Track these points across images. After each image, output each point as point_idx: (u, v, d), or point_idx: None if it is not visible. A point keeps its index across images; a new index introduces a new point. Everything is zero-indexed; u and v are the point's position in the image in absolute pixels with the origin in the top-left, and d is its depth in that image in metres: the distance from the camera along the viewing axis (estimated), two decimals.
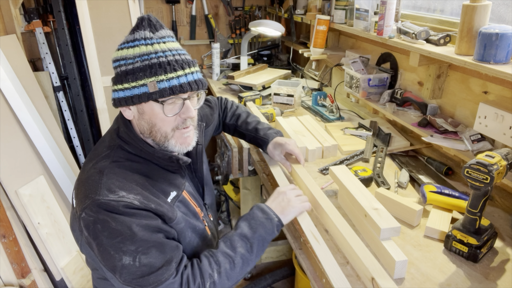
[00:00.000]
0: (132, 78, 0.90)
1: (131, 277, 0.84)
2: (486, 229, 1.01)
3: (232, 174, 1.80)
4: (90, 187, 0.88)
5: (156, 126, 0.94)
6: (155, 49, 0.90)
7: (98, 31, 2.30)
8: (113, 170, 0.91)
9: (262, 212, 1.00)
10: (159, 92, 0.89)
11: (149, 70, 0.89)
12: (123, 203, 0.86)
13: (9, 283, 1.97)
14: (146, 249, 0.85)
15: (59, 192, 2.20)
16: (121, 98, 0.92)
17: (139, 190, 0.91)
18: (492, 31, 1.14)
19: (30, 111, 2.07)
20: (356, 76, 1.87)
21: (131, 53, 0.91)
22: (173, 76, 0.89)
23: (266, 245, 0.98)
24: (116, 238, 0.84)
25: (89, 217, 0.86)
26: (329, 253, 0.96)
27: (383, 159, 1.51)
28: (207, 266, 0.90)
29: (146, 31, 0.92)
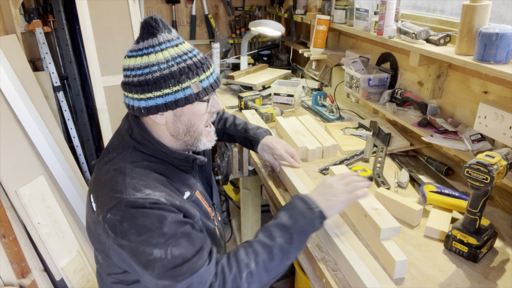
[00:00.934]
0: (174, 83, 0.89)
1: (165, 269, 0.82)
2: (486, 229, 1.01)
3: (232, 174, 1.80)
4: (114, 188, 0.87)
5: (195, 125, 0.97)
6: (182, 50, 0.92)
7: (98, 31, 2.30)
8: (134, 170, 0.91)
9: (302, 202, 0.95)
10: (204, 91, 0.93)
11: (190, 71, 0.90)
12: (151, 200, 0.85)
13: (9, 283, 1.97)
14: (176, 240, 0.83)
15: (59, 192, 2.20)
16: (160, 105, 0.91)
17: (162, 188, 0.90)
18: (492, 31, 1.14)
19: (30, 111, 2.07)
20: (356, 76, 1.87)
21: (162, 57, 0.89)
22: (209, 74, 0.95)
23: (307, 237, 0.93)
24: (145, 233, 0.83)
25: (115, 217, 0.85)
26: (354, 253, 0.97)
27: (383, 159, 1.51)
28: (243, 255, 0.87)
29: (165, 33, 0.92)
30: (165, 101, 0.90)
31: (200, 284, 0.83)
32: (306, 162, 1.54)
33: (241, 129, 1.42)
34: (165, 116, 0.94)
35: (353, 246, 0.99)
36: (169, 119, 0.95)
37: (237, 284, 0.84)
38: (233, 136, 1.44)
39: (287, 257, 0.90)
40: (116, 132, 1.04)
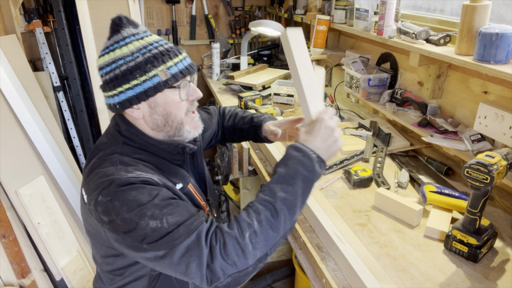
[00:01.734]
0: (140, 73, 0.89)
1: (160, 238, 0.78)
2: (486, 229, 1.01)
3: (232, 174, 1.80)
4: (104, 174, 0.87)
5: (172, 114, 0.95)
6: (148, 41, 0.92)
7: (98, 31, 2.30)
8: (124, 158, 0.92)
9: (297, 150, 0.88)
10: (173, 77, 0.91)
11: (156, 60, 0.89)
12: (142, 178, 0.85)
13: (9, 283, 1.97)
14: (171, 209, 0.82)
15: (59, 192, 2.20)
16: (131, 98, 0.91)
17: (153, 172, 0.91)
18: (492, 31, 1.14)
19: (30, 111, 2.07)
20: (356, 76, 1.87)
21: (127, 50, 0.90)
22: (178, 61, 0.93)
23: (310, 186, 0.87)
24: (137, 207, 0.81)
25: (106, 197, 0.83)
26: (354, 253, 0.96)
27: (383, 159, 1.51)
28: (244, 215, 0.81)
29: (130, 28, 0.93)
30: (135, 93, 0.90)
31: (198, 247, 0.78)
32: None
33: (247, 120, 1.35)
34: (141, 110, 0.94)
35: (353, 246, 0.99)
36: (145, 112, 0.95)
37: (239, 245, 0.78)
38: (242, 129, 1.37)
39: (293, 210, 0.83)
40: (105, 132, 1.04)
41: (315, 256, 1.05)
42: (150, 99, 0.92)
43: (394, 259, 1.01)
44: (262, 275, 2.30)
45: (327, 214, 1.13)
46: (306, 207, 1.20)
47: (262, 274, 2.35)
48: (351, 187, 1.36)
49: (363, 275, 0.90)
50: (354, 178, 1.34)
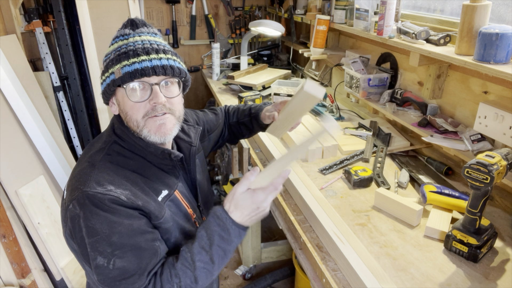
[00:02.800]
0: (105, 70, 0.95)
1: (104, 277, 0.84)
2: (486, 229, 1.01)
3: (232, 174, 1.80)
4: (80, 179, 0.89)
5: (128, 114, 0.94)
6: (129, 41, 0.94)
7: (98, 31, 2.30)
8: (105, 164, 0.92)
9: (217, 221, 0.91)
10: (122, 77, 0.90)
11: (118, 58, 0.92)
12: (110, 196, 0.85)
13: (9, 283, 1.97)
14: (123, 252, 0.84)
15: (59, 192, 2.20)
16: (102, 92, 0.98)
17: (128, 186, 0.90)
18: (492, 31, 1.14)
19: (30, 111, 2.07)
20: (356, 76, 1.87)
21: (111, 49, 0.96)
22: (135, 61, 0.90)
23: (229, 253, 0.92)
24: (93, 236, 0.84)
25: (74, 210, 0.86)
26: (354, 253, 0.97)
27: (383, 159, 1.51)
28: (167, 279, 0.87)
29: (126, 29, 0.97)
30: (103, 88, 0.96)
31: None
32: (306, 162, 1.54)
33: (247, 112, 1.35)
34: (116, 105, 0.99)
35: (353, 246, 0.99)
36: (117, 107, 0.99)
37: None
38: (244, 123, 1.37)
39: (211, 274, 0.90)
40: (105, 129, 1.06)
41: (315, 256, 1.05)
42: (115, 96, 0.97)
43: (394, 259, 1.01)
44: (262, 275, 2.30)
45: (327, 214, 1.13)
46: (306, 207, 1.20)
47: (262, 274, 2.35)
48: (351, 187, 1.36)
49: (363, 275, 0.90)
50: (354, 178, 1.34)
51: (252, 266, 2.38)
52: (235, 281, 2.37)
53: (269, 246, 2.41)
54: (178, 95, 0.98)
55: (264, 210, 0.93)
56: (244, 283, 2.34)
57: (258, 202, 0.91)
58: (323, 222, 1.10)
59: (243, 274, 2.37)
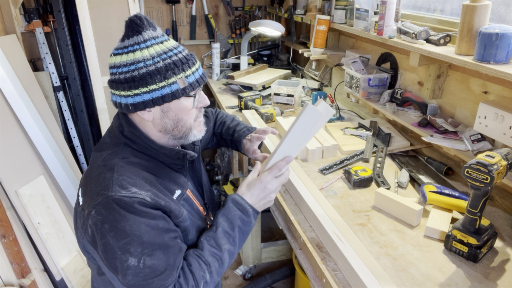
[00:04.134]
0: (160, 78, 0.90)
1: (135, 278, 0.84)
2: (486, 229, 1.01)
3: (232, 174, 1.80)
4: (101, 184, 0.88)
5: (183, 120, 0.98)
6: (167, 46, 0.92)
7: (98, 31, 2.30)
8: (123, 167, 0.92)
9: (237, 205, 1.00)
10: (190, 86, 0.94)
11: (176, 67, 0.91)
12: (136, 199, 0.86)
13: (9, 283, 1.97)
14: (152, 250, 0.85)
15: (59, 192, 2.20)
16: (147, 101, 0.91)
17: (148, 187, 0.91)
18: (492, 31, 1.14)
19: (30, 111, 2.07)
20: (356, 76, 1.87)
21: (148, 54, 0.89)
22: (195, 70, 0.95)
23: (247, 235, 1.01)
24: (124, 239, 0.84)
25: (98, 216, 0.86)
26: (354, 253, 0.97)
27: (383, 159, 1.51)
28: (197, 268, 0.92)
29: (150, 30, 0.92)
30: (152, 97, 0.91)
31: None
32: (306, 162, 1.54)
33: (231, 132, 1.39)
34: (153, 113, 0.95)
35: (353, 246, 0.99)
36: (156, 115, 0.95)
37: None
38: (226, 141, 1.42)
39: (233, 257, 0.99)
40: (108, 130, 1.05)
41: (315, 256, 1.05)
42: (165, 104, 0.94)
43: (394, 259, 1.01)
44: (262, 275, 2.30)
45: (327, 214, 1.13)
46: (306, 207, 1.20)
47: (262, 274, 2.35)
48: (351, 187, 1.36)
49: (363, 275, 0.90)
50: (354, 178, 1.34)
51: (252, 266, 2.38)
52: (235, 281, 2.37)
53: (269, 246, 2.41)
54: None
55: (270, 193, 1.01)
56: (244, 283, 2.34)
57: (265, 182, 1.00)
58: (323, 222, 1.10)
59: (243, 274, 2.37)
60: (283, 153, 1.01)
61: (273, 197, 1.03)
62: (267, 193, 1.01)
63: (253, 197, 1.00)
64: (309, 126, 0.96)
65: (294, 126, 0.95)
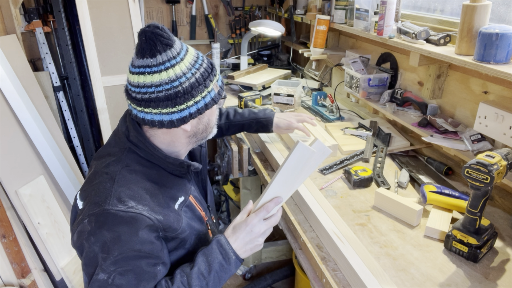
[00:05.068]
0: (202, 88, 0.91)
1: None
2: (486, 229, 1.01)
3: (232, 174, 1.80)
4: (100, 194, 0.88)
5: (212, 121, 1.01)
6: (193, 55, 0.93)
7: (98, 31, 2.30)
8: (125, 177, 0.91)
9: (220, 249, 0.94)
10: (221, 88, 0.98)
11: (209, 75, 0.93)
12: (131, 214, 0.85)
13: (9, 283, 1.97)
14: (125, 271, 0.84)
15: (59, 192, 2.20)
16: (193, 113, 0.91)
17: (148, 199, 0.90)
18: (492, 31, 1.14)
19: (30, 111, 2.07)
20: (356, 76, 1.87)
21: (184, 67, 0.89)
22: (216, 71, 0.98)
23: (223, 282, 0.96)
24: (103, 253, 0.84)
25: (89, 225, 0.85)
26: (354, 253, 0.96)
27: (383, 159, 1.51)
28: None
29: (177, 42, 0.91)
30: (198, 107, 0.92)
31: None
32: None
33: (248, 115, 1.49)
34: (190, 122, 0.94)
35: (353, 246, 0.99)
36: (193, 123, 0.96)
37: None
38: (242, 125, 1.49)
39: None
40: (113, 133, 1.04)
41: (315, 256, 1.05)
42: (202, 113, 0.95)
43: (394, 259, 1.01)
44: (262, 275, 2.30)
45: (327, 214, 1.13)
46: (306, 207, 1.20)
47: (262, 274, 2.35)
48: (351, 187, 1.36)
49: (363, 275, 0.90)
50: (354, 178, 1.34)
51: (252, 266, 2.38)
52: (235, 281, 2.37)
53: (269, 246, 2.41)
54: None
55: (258, 237, 0.95)
56: (244, 283, 2.34)
57: (251, 225, 0.94)
58: (323, 222, 1.10)
59: (243, 274, 2.37)
60: (273, 193, 0.95)
61: (261, 242, 0.96)
62: (253, 236, 0.94)
63: (238, 240, 0.94)
64: (301, 165, 0.92)
65: (285, 164, 0.90)
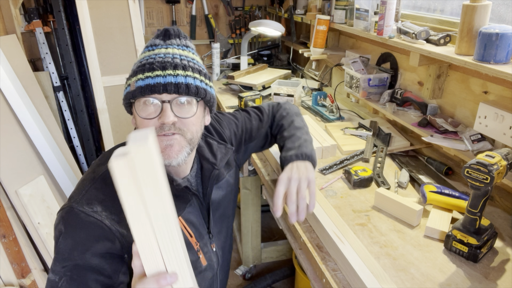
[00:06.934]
0: (127, 79, 0.91)
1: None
2: (486, 229, 1.01)
3: None
4: (76, 190, 0.89)
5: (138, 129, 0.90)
6: (154, 52, 0.88)
7: (98, 31, 2.30)
8: (105, 180, 0.88)
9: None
10: (133, 91, 0.86)
11: (135, 70, 0.88)
12: (92, 219, 0.83)
13: (9, 283, 1.97)
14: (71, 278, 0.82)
15: (59, 192, 2.20)
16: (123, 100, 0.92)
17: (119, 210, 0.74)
18: (492, 31, 1.14)
19: (30, 111, 2.07)
20: (356, 76, 1.87)
21: (138, 58, 0.92)
22: (149, 76, 0.85)
23: None
24: (57, 253, 0.84)
25: (57, 219, 0.87)
26: (354, 253, 0.97)
27: (383, 159, 1.51)
28: None
29: (158, 39, 0.91)
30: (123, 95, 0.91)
31: None
32: None
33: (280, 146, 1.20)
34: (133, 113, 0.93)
35: (353, 246, 0.99)
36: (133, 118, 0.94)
37: None
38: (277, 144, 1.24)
39: None
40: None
41: (315, 256, 1.05)
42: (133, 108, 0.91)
43: (394, 259, 1.01)
44: (262, 275, 2.30)
45: (327, 214, 1.13)
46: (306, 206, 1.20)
47: (262, 274, 2.35)
48: (351, 187, 1.36)
49: (363, 275, 0.90)
50: (354, 178, 1.34)
51: (252, 266, 2.37)
52: (235, 281, 2.37)
53: (269, 246, 2.41)
54: (192, 116, 0.89)
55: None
56: (244, 283, 2.34)
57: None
58: (323, 222, 1.10)
59: (243, 274, 2.37)
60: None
61: None
62: None
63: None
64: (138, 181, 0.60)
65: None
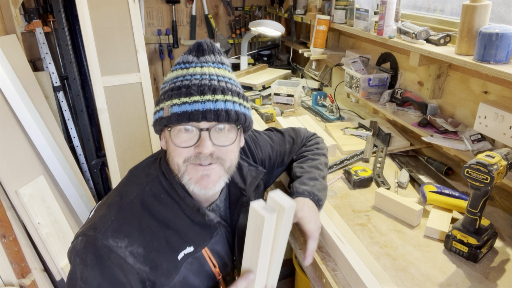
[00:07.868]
0: (158, 101, 0.84)
1: None
2: (486, 229, 1.01)
3: None
4: (103, 218, 0.83)
5: (171, 155, 0.85)
6: (188, 72, 0.82)
7: (98, 31, 2.30)
8: (133, 209, 0.84)
9: None
10: (169, 117, 0.80)
11: (170, 94, 0.81)
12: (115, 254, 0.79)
13: (9, 283, 1.97)
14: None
15: (59, 192, 2.20)
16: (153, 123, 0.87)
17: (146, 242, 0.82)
18: (492, 31, 1.14)
19: (30, 111, 2.07)
20: (356, 76, 1.87)
21: (169, 76, 0.85)
22: (186, 101, 0.78)
23: None
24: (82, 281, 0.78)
25: (79, 245, 0.81)
26: (354, 253, 0.97)
27: (383, 159, 1.51)
28: None
29: (190, 55, 0.85)
30: (154, 119, 0.86)
31: None
32: None
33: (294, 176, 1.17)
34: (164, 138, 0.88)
35: (353, 246, 0.99)
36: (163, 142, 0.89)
37: None
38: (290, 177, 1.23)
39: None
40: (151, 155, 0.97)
41: (315, 256, 1.05)
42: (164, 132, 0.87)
43: (394, 259, 1.01)
44: None
45: (327, 214, 1.13)
46: None
47: None
48: (351, 187, 1.36)
49: (363, 275, 0.90)
50: (354, 178, 1.34)
51: None
52: None
53: None
54: (232, 144, 0.85)
55: None
56: None
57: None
58: (323, 222, 1.10)
59: None
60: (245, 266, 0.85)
61: None
62: None
63: None
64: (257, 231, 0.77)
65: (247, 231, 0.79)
